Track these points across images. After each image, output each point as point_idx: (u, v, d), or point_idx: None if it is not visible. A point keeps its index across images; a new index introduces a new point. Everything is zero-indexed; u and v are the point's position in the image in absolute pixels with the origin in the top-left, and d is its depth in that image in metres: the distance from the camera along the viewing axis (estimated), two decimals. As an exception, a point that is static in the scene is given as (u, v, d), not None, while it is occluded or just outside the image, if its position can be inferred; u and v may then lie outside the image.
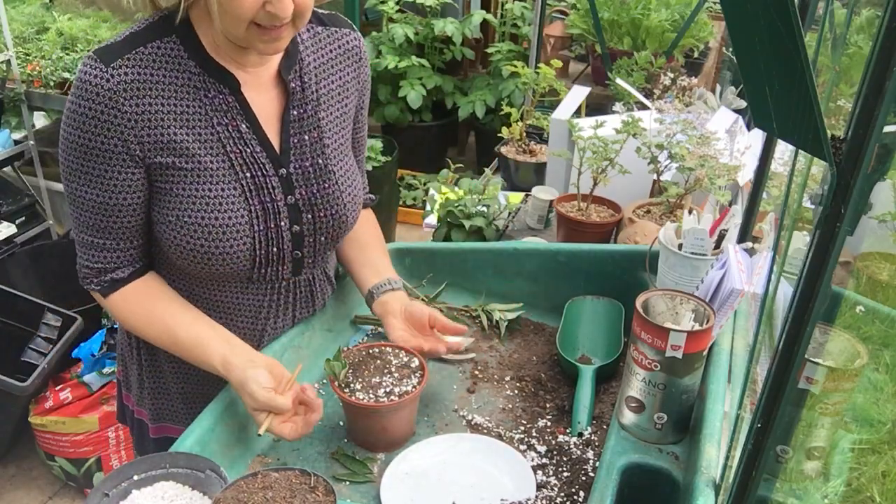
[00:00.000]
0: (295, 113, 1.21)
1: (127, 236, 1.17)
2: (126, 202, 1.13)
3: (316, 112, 1.23)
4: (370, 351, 1.27)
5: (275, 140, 1.20)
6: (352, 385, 1.20)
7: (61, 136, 1.11)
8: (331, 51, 1.26)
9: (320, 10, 1.27)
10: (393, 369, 1.24)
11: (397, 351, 1.28)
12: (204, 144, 1.13)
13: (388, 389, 1.19)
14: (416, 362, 1.26)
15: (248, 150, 1.16)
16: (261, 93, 1.18)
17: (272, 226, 1.19)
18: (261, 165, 1.17)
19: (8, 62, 3.00)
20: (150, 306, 1.21)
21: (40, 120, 3.60)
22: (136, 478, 1.02)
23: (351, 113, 1.31)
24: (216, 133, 1.14)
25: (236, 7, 1.02)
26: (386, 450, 1.20)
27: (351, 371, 1.22)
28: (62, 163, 1.13)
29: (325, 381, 1.35)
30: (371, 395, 1.18)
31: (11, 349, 2.49)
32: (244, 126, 1.16)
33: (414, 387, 1.20)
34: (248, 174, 1.16)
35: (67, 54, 3.19)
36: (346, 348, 1.27)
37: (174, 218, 1.14)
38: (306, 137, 1.22)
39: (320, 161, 1.23)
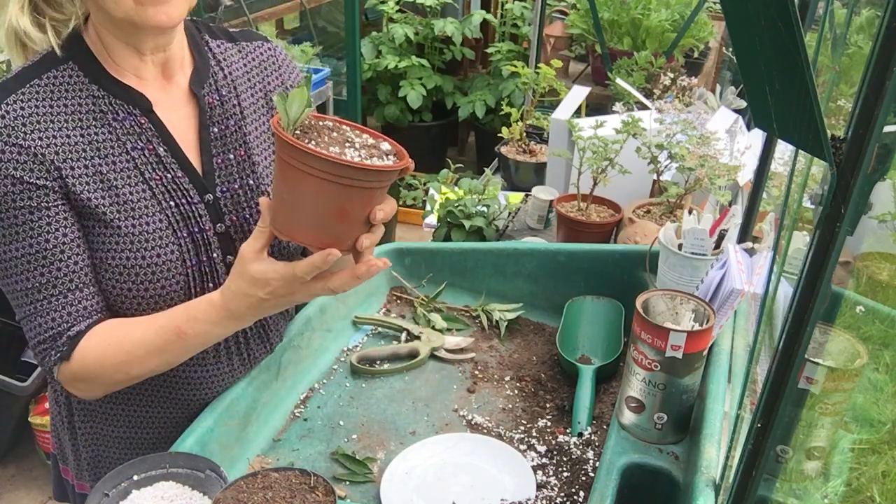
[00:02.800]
0: (216, 130, 1.11)
1: (77, 285, 1.02)
2: (67, 238, 1.01)
3: (240, 128, 1.13)
4: (322, 122, 0.98)
5: (196, 162, 1.09)
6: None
7: None
8: (245, 64, 1.17)
9: (231, 29, 1.20)
10: (357, 146, 0.95)
11: (358, 132, 1.00)
12: (120, 174, 1.02)
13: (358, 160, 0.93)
14: (386, 146, 0.98)
15: (169, 176, 1.06)
16: (174, 111, 1.08)
17: (204, 259, 1.08)
18: (184, 192, 1.07)
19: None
20: (120, 339, 1.04)
21: (40, 120, 3.60)
22: (136, 478, 1.02)
23: None
24: (132, 159, 1.03)
25: None
26: (342, 246, 0.95)
27: (300, 132, 0.94)
28: None
29: (324, 381, 1.35)
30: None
31: (11, 349, 2.49)
32: (161, 149, 1.05)
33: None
34: (171, 203, 1.05)
35: (67, 54, 3.19)
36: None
37: (97, 260, 1.03)
38: (231, 157, 1.11)
39: (251, 182, 1.12)
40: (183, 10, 1.01)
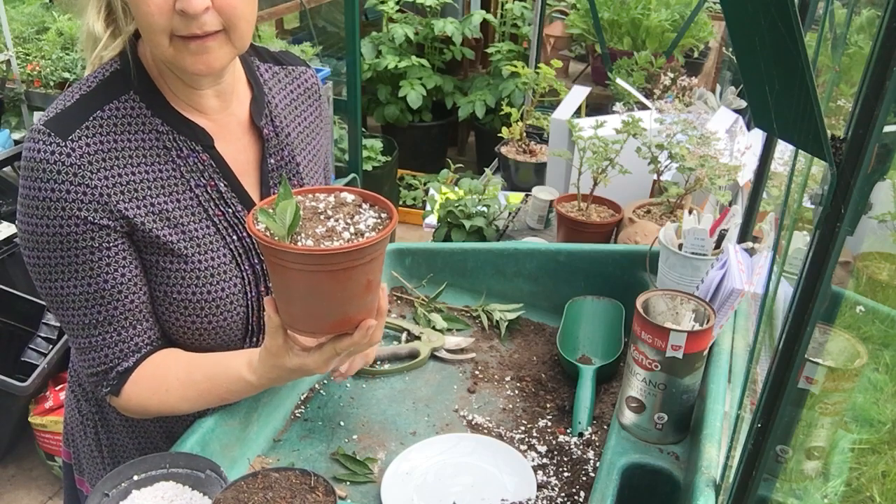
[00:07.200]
0: (272, 161, 1.13)
1: (131, 322, 1.04)
2: (126, 278, 1.01)
3: (293, 157, 1.15)
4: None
5: (254, 193, 1.11)
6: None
7: (23, 232, 0.97)
8: (292, 90, 1.19)
9: (272, 49, 1.22)
10: (343, 224, 0.90)
11: (329, 195, 0.96)
12: (185, 211, 1.03)
13: (340, 236, 0.87)
14: (367, 208, 0.94)
15: (231, 211, 1.07)
16: (231, 143, 1.09)
17: (262, 289, 1.11)
18: (245, 224, 1.07)
19: (8, 62, 3.00)
20: (164, 393, 1.07)
21: (40, 120, 3.61)
22: (136, 478, 1.02)
23: (321, 155, 1.24)
24: (196, 196, 1.04)
25: (147, 15, 0.91)
26: (339, 330, 0.96)
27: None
28: (32, 263, 0.99)
29: (325, 381, 1.35)
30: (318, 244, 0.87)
31: (11, 349, 2.49)
32: (222, 185, 1.07)
33: (379, 229, 0.88)
34: (234, 237, 1.07)
35: (67, 54, 3.19)
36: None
37: (161, 293, 1.04)
38: None
39: None
40: (226, 59, 0.99)
